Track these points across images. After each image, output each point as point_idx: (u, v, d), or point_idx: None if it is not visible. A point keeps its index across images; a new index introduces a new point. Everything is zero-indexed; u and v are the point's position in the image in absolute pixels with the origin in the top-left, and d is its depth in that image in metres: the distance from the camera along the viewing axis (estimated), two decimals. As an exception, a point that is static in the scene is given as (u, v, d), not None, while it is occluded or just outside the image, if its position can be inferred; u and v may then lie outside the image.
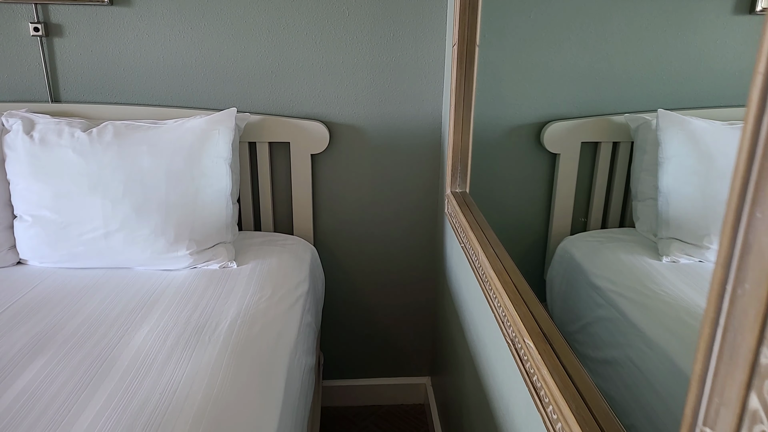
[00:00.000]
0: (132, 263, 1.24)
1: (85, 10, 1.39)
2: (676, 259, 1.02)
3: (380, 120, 1.51)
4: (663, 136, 1.10)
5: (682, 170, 1.06)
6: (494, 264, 0.83)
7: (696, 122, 1.07)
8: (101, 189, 1.20)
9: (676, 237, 1.05)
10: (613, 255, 1.16)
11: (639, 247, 1.16)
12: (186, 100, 1.47)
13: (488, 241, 0.91)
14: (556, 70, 1.26)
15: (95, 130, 1.25)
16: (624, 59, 1.14)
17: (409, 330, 1.76)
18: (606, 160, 1.31)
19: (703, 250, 0.97)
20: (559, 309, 1.30)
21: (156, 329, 1.00)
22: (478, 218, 1.01)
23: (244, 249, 1.36)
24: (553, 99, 1.30)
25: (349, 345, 1.77)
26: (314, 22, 1.42)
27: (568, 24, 1.23)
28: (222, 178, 1.27)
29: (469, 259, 1.01)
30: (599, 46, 1.18)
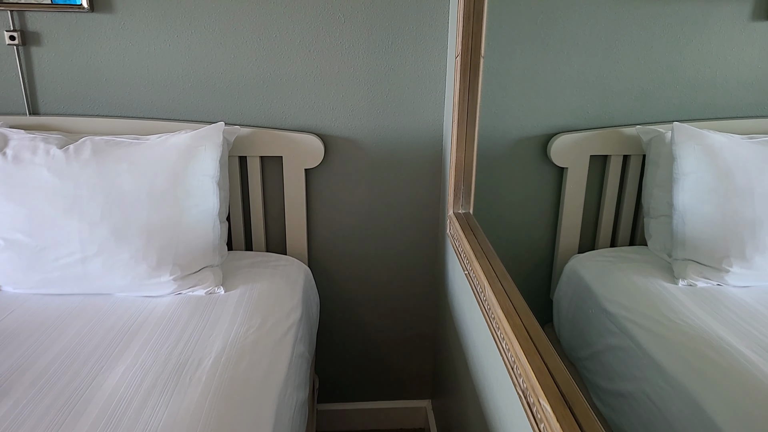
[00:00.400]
0: (112, 289, 1.16)
1: (64, 17, 1.31)
2: (692, 282, 0.94)
3: (378, 133, 1.43)
4: (679, 150, 1.02)
5: (700, 187, 0.98)
6: (503, 302, 0.75)
7: (714, 136, 0.99)
8: (78, 211, 1.11)
9: (693, 258, 0.97)
10: (626, 277, 1.08)
11: (652, 268, 1.08)
12: (172, 113, 1.39)
13: (495, 273, 0.83)
14: (564, 79, 1.19)
15: (72, 147, 1.17)
16: (635, 67, 1.07)
17: (409, 352, 1.68)
18: (616, 175, 1.23)
19: (722, 273, 0.89)
20: (567, 332, 1.22)
21: (133, 367, 0.91)
22: (483, 246, 0.93)
23: (233, 272, 1.27)
24: (561, 110, 1.22)
25: (346, 367, 1.69)
26: (308, 30, 1.34)
27: (577, 30, 1.15)
28: (208, 197, 1.19)
29: (473, 290, 0.93)
30: (609, 53, 1.10)
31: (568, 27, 1.14)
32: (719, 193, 0.94)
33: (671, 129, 1.04)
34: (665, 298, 0.95)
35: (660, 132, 1.11)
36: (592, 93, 1.15)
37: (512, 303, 0.73)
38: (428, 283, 1.60)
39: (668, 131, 1.10)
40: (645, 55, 1.03)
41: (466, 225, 1.03)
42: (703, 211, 0.97)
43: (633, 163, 1.18)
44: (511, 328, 0.69)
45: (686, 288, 0.94)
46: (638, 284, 1.02)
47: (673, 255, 1.01)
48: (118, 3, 1.30)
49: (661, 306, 0.94)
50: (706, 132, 0.97)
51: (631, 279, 1.05)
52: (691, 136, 1.00)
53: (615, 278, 1.09)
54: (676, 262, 0.99)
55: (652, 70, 1.03)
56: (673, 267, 0.99)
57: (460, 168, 1.06)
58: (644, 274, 1.04)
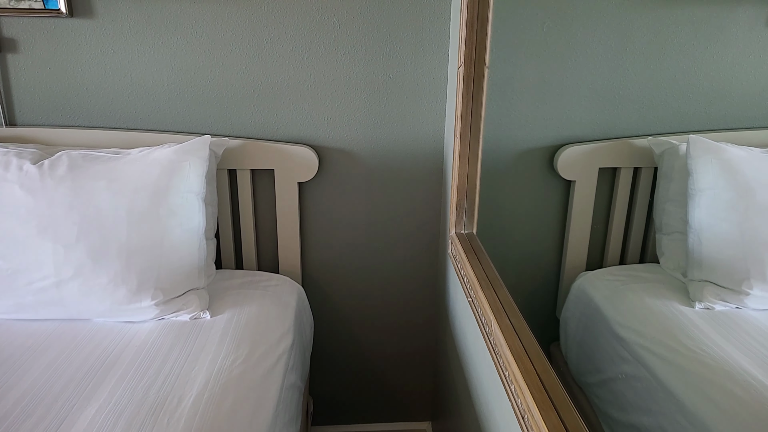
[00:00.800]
0: (89, 315, 1.08)
1: (42, 23, 1.23)
2: (710, 305, 0.87)
3: (375, 144, 1.35)
4: (695, 165, 0.94)
5: (718, 204, 0.91)
6: (512, 343, 0.67)
7: (732, 150, 0.91)
8: (52, 231, 1.04)
9: (710, 280, 0.90)
10: (638, 299, 1.00)
11: (666, 289, 1.01)
12: (157, 123, 1.31)
13: (503, 307, 0.76)
14: (571, 88, 1.12)
15: (47, 162, 1.09)
16: (646, 75, 1.00)
17: (409, 372, 1.60)
18: (626, 188, 1.16)
19: (742, 295, 0.82)
20: (575, 355, 1.14)
21: (106, 408, 0.83)
22: (489, 273, 0.86)
23: (221, 293, 1.20)
24: (568, 120, 1.15)
25: (342, 388, 1.61)
26: (301, 36, 1.26)
27: (585, 37, 1.08)
28: (194, 215, 1.11)
29: (478, 320, 0.86)
30: (619, 60, 1.04)
31: (575, 33, 1.08)
32: (738, 211, 0.87)
33: (686, 142, 0.97)
34: (682, 323, 0.88)
35: (673, 144, 1.05)
36: (600, 102, 1.09)
37: (523, 345, 0.66)
38: (428, 302, 1.52)
39: (682, 143, 1.03)
40: (657, 63, 0.97)
41: (469, 248, 0.95)
42: (721, 230, 0.90)
43: (644, 176, 1.12)
44: (521, 374, 0.61)
45: (703, 312, 0.87)
46: (652, 307, 0.95)
47: (688, 275, 0.94)
48: (98, 8, 1.22)
49: (677, 332, 0.87)
50: (724, 145, 0.91)
51: (644, 301, 0.98)
52: (708, 149, 0.93)
53: (627, 300, 1.02)
54: (692, 283, 0.92)
55: (665, 78, 0.97)
56: (689, 288, 0.93)
57: (463, 186, 0.99)
58: (658, 295, 0.97)
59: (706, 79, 0.91)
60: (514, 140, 1.16)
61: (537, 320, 1.24)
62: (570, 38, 1.07)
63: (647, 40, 0.97)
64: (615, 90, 1.05)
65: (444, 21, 1.26)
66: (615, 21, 1.01)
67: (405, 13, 1.25)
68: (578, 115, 1.13)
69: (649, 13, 0.96)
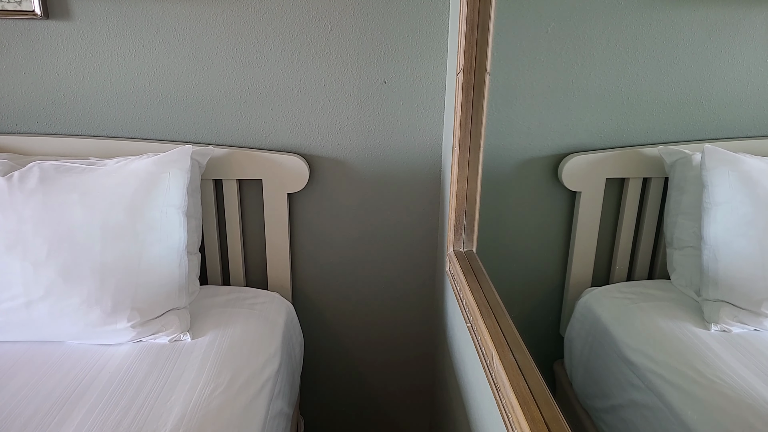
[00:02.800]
0: (62, 336, 1.01)
1: (15, 25, 1.16)
2: (726, 327, 0.80)
3: (369, 153, 1.28)
4: (710, 177, 0.87)
5: (735, 219, 0.84)
6: (516, 384, 0.60)
7: (750, 161, 0.84)
8: (21, 248, 0.97)
9: (727, 300, 0.83)
10: (649, 320, 0.93)
11: (678, 308, 0.94)
12: (138, 131, 1.24)
13: (506, 340, 0.68)
14: (577, 93, 1.05)
15: (17, 174, 1.02)
16: (657, 81, 0.94)
17: (404, 391, 1.53)
18: (634, 200, 1.10)
19: (761, 317, 0.75)
20: (581, 377, 1.08)
21: (72, 445, 0.76)
22: (490, 298, 0.79)
23: (204, 311, 1.13)
24: (574, 127, 1.09)
25: (335, 407, 1.54)
26: (290, 39, 1.19)
27: (592, 39, 1.01)
28: (174, 230, 1.04)
29: (478, 351, 0.79)
30: (628, 65, 0.97)
31: (582, 35, 1.01)
32: (757, 227, 0.81)
33: (701, 152, 0.90)
34: (696, 347, 0.82)
35: (686, 154, 0.98)
36: (608, 109, 1.03)
37: (529, 387, 0.59)
38: (424, 318, 1.45)
39: (695, 153, 0.97)
40: (668, 67, 0.91)
41: (468, 268, 0.88)
42: (739, 246, 0.84)
43: (654, 187, 1.06)
44: (528, 423, 0.54)
45: (719, 334, 0.80)
46: (664, 329, 0.89)
47: (702, 294, 0.87)
48: (76, 10, 1.15)
49: (692, 358, 0.80)
50: (742, 156, 0.84)
51: (655, 322, 0.91)
52: (724, 160, 0.86)
53: (637, 321, 0.95)
54: (707, 302, 0.85)
55: (676, 83, 0.91)
56: (703, 308, 0.86)
57: (462, 201, 0.92)
58: (670, 316, 0.91)
59: (720, 84, 0.86)
60: (517, 148, 1.10)
61: (541, 338, 1.18)
62: (576, 41, 1.01)
63: (658, 42, 0.91)
64: (623, 96, 0.99)
65: (442, 23, 1.19)
66: (624, 22, 0.95)
67: (400, 14, 1.18)
68: (584, 123, 1.07)
69: (659, 14, 0.90)
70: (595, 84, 1.04)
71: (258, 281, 1.36)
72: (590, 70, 1.04)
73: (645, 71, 0.96)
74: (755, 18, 0.77)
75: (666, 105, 0.96)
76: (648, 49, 0.95)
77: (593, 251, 1.14)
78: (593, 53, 1.02)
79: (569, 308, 1.14)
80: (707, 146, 0.89)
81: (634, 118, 1.03)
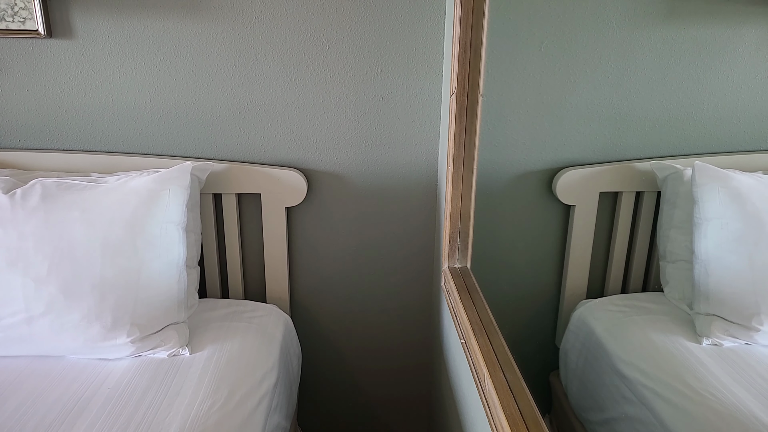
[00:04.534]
0: (62, 351, 1.02)
1: (19, 44, 1.18)
2: (718, 341, 0.81)
3: (366, 168, 1.30)
4: (700, 193, 0.88)
5: (725, 235, 0.85)
6: (506, 404, 0.61)
7: (740, 178, 0.85)
8: (22, 265, 0.98)
9: (718, 314, 0.84)
10: (642, 334, 0.94)
11: (671, 322, 0.95)
12: (138, 146, 1.26)
13: (498, 359, 0.70)
14: (571, 109, 1.07)
15: (19, 191, 1.04)
16: (649, 97, 0.95)
17: (401, 403, 1.54)
18: (628, 213, 1.11)
19: (752, 332, 0.76)
20: (576, 389, 1.09)
21: (71, 461, 0.78)
22: (483, 317, 0.80)
23: (203, 325, 1.14)
24: (567, 142, 1.10)
25: (333, 418, 1.55)
26: (289, 56, 1.21)
27: (584, 56, 1.03)
28: (173, 246, 1.05)
29: (471, 369, 0.80)
30: (621, 81, 0.99)
31: (575, 52, 1.03)
32: (747, 242, 0.82)
33: (692, 168, 0.92)
34: (688, 361, 0.83)
35: (678, 169, 0.99)
36: (601, 124, 1.04)
37: (519, 409, 0.60)
38: (421, 330, 1.46)
39: (687, 168, 0.98)
40: (660, 83, 0.92)
41: (462, 285, 0.90)
42: (729, 262, 0.85)
43: (646, 200, 1.07)
44: (515, 444, 0.55)
45: (711, 348, 0.82)
46: (656, 343, 0.90)
47: (694, 308, 0.88)
48: (78, 28, 1.17)
49: (683, 372, 0.81)
50: (731, 173, 0.85)
51: (648, 336, 0.92)
52: (714, 177, 0.87)
53: (630, 334, 0.96)
54: (699, 316, 0.86)
55: (668, 99, 0.92)
56: (695, 322, 0.87)
57: (456, 218, 0.93)
58: (662, 329, 0.92)
59: (710, 100, 0.87)
60: (511, 163, 1.11)
61: (536, 349, 1.18)
62: (569, 58, 1.03)
63: (650, 59, 0.92)
64: (616, 111, 1.00)
65: (438, 42, 1.21)
66: (616, 40, 0.96)
67: (397, 33, 1.20)
68: (578, 137, 1.08)
69: (651, 32, 0.91)
70: (587, 100, 1.05)
71: (256, 294, 1.37)
72: (583, 86, 1.05)
73: (637, 87, 0.97)
74: (744, 36, 0.79)
75: (657, 120, 0.97)
76: (639, 65, 0.96)
77: (588, 264, 1.15)
78: (586, 70, 1.04)
79: (564, 320, 1.15)
80: (697, 162, 0.90)
81: (626, 132, 1.04)
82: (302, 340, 1.45)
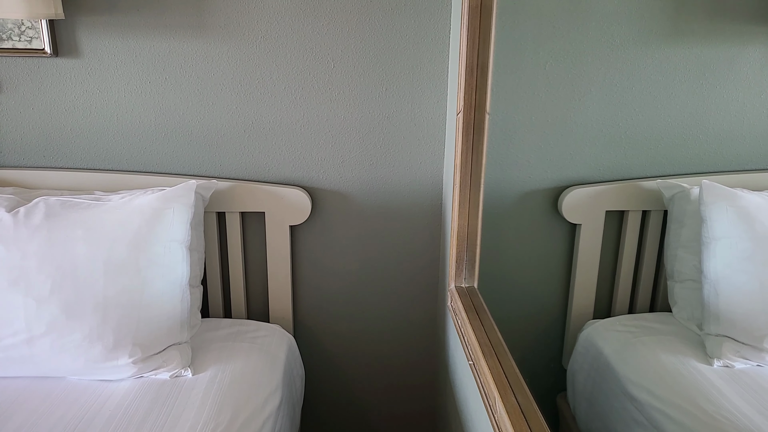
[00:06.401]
0: (63, 372, 1.01)
1: (24, 63, 1.19)
2: (729, 363, 0.80)
3: (371, 186, 1.30)
4: (709, 212, 0.88)
5: (734, 254, 0.84)
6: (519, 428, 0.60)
7: (748, 197, 0.84)
8: (24, 284, 0.97)
9: (728, 335, 0.82)
10: (652, 355, 0.93)
11: (680, 342, 0.93)
12: (143, 165, 1.26)
13: (509, 382, 0.68)
14: (576, 128, 1.06)
15: (23, 210, 1.03)
16: (654, 116, 0.94)
17: (405, 424, 1.51)
18: (634, 232, 1.10)
19: (764, 353, 0.74)
20: (584, 411, 1.06)
21: (70, 487, 0.76)
22: (492, 338, 0.79)
23: (206, 345, 1.12)
24: (573, 161, 1.10)
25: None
26: (294, 75, 1.22)
27: (589, 75, 1.03)
28: (177, 265, 1.04)
29: (481, 391, 0.78)
30: (625, 100, 0.98)
31: (579, 72, 1.03)
32: (756, 262, 0.81)
33: (699, 186, 0.91)
34: (700, 383, 0.81)
35: (684, 188, 0.98)
36: (607, 143, 1.04)
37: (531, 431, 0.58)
38: (426, 349, 1.44)
39: (694, 186, 0.97)
40: (665, 102, 0.92)
41: (470, 305, 0.88)
42: (739, 282, 0.84)
43: (653, 220, 1.06)
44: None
45: (722, 370, 0.80)
46: (666, 364, 0.88)
47: (704, 329, 0.87)
48: (84, 47, 1.18)
49: (695, 395, 0.79)
50: (740, 192, 0.84)
51: (657, 357, 0.90)
52: (722, 196, 0.86)
53: (639, 355, 0.94)
54: (709, 337, 0.85)
55: (673, 118, 0.92)
56: (706, 343, 0.85)
57: (463, 237, 0.92)
58: (672, 350, 0.90)
59: (716, 119, 0.86)
60: (516, 182, 1.11)
61: (542, 370, 1.17)
62: (574, 77, 1.03)
63: (654, 78, 0.92)
64: (621, 130, 1.00)
65: (443, 61, 1.22)
66: (620, 59, 0.96)
67: (402, 52, 1.21)
68: (583, 156, 1.07)
69: (655, 51, 0.92)
70: (593, 119, 1.05)
71: (259, 313, 1.36)
72: (588, 105, 1.05)
73: (642, 106, 0.97)
74: (749, 56, 0.79)
75: (663, 139, 0.97)
76: (644, 85, 0.96)
77: (594, 283, 1.14)
78: (591, 89, 1.04)
79: (571, 340, 1.13)
80: (705, 181, 0.89)
81: (632, 151, 1.03)
82: (305, 360, 1.43)
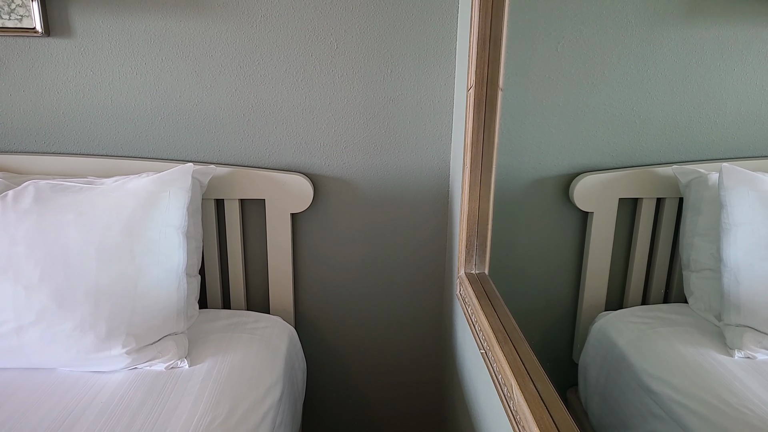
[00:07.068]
0: (54, 363, 0.96)
1: (15, 43, 1.14)
2: (751, 354, 0.75)
3: (375, 172, 1.25)
4: (728, 197, 0.83)
5: (756, 240, 0.80)
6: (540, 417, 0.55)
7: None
8: (12, 272, 0.93)
9: (750, 325, 0.78)
10: (669, 346, 0.88)
11: (698, 333, 0.89)
12: (139, 150, 1.21)
13: (527, 370, 0.64)
14: (588, 112, 1.02)
15: (11, 194, 0.99)
16: (670, 99, 0.90)
17: (410, 418, 1.47)
18: (648, 220, 1.06)
19: None
20: (597, 405, 1.02)
21: (58, 483, 0.71)
22: (506, 324, 0.74)
23: (203, 337, 1.08)
24: (585, 146, 1.05)
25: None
26: (295, 57, 1.17)
27: (603, 57, 0.99)
28: (173, 252, 1.00)
29: (494, 379, 0.74)
30: (640, 83, 0.94)
31: (593, 53, 0.99)
32: (780, 249, 0.77)
33: (719, 171, 0.87)
34: (721, 375, 0.77)
35: (701, 173, 0.94)
36: (620, 128, 1.00)
37: (554, 420, 0.54)
38: (432, 341, 1.40)
39: (711, 172, 0.93)
40: (681, 85, 0.88)
41: (481, 292, 0.84)
42: (762, 269, 0.79)
43: (668, 207, 1.02)
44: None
45: (744, 361, 0.76)
46: (685, 355, 0.84)
47: (724, 319, 0.83)
48: (77, 27, 1.13)
49: (717, 386, 0.75)
50: (761, 176, 0.81)
51: (675, 348, 0.86)
52: (743, 180, 0.82)
53: (656, 347, 0.90)
54: (729, 328, 0.80)
55: (690, 101, 0.88)
56: (725, 334, 0.81)
57: (473, 221, 0.88)
58: (690, 341, 0.86)
59: (733, 103, 0.83)
60: (526, 168, 1.07)
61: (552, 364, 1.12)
62: (587, 58, 0.99)
63: (670, 60, 0.88)
64: (636, 114, 0.96)
65: (451, 39, 1.17)
66: (635, 40, 0.92)
67: (407, 32, 1.16)
68: (596, 142, 1.03)
69: (672, 32, 0.87)
70: (606, 102, 1.01)
71: (259, 304, 1.31)
72: (601, 88, 1.01)
73: (657, 89, 0.94)
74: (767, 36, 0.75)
75: (679, 124, 0.93)
76: (659, 67, 0.92)
77: (606, 274, 1.10)
78: (604, 71, 1.00)
79: (582, 333, 1.09)
80: (725, 165, 0.86)
81: (646, 136, 1.00)
82: (307, 353, 1.39)
